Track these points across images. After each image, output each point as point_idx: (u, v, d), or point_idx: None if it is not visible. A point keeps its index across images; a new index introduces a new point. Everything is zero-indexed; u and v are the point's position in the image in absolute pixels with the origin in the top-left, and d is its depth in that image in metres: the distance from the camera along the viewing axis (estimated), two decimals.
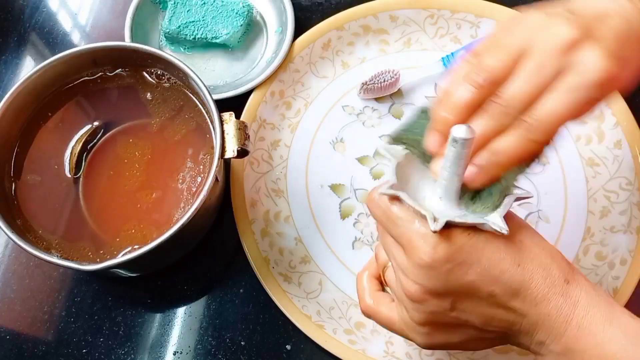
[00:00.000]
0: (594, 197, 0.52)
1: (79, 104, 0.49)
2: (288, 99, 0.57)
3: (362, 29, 0.58)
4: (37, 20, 0.63)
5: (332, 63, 0.58)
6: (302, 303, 0.49)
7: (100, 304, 0.51)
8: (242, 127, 0.45)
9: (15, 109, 0.46)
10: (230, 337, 0.49)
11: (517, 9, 0.57)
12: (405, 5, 0.58)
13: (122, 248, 0.45)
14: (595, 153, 0.54)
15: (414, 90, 0.57)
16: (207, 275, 0.52)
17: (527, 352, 0.47)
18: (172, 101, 0.49)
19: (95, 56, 0.48)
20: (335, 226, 0.52)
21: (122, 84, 0.50)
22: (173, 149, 0.48)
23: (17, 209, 0.46)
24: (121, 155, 0.48)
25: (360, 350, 0.48)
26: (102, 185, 0.47)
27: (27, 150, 0.48)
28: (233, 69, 0.59)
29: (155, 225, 0.46)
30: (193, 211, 0.42)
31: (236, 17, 0.58)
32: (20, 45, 0.62)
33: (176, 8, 0.58)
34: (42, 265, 0.52)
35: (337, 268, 0.51)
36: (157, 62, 0.49)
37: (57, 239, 0.45)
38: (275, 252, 0.51)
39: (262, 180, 0.54)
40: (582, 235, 0.51)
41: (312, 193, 0.54)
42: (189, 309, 0.51)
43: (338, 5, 0.61)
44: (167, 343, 0.49)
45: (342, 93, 0.57)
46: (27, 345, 0.49)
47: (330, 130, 0.56)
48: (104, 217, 0.47)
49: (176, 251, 0.50)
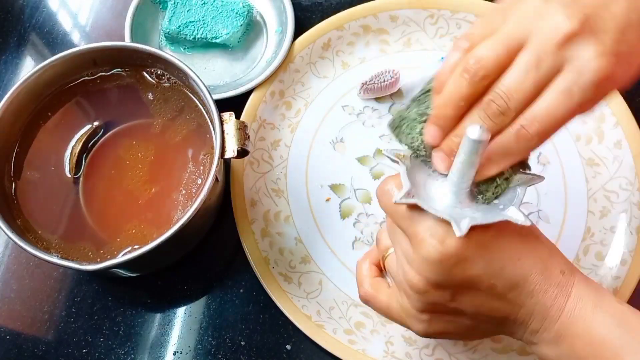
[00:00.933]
0: (594, 197, 0.52)
1: (79, 104, 0.49)
2: (288, 99, 0.57)
3: (362, 29, 0.58)
4: (37, 20, 0.63)
5: (332, 63, 0.58)
6: (302, 303, 0.49)
7: (100, 304, 0.51)
8: (242, 127, 0.45)
9: (15, 109, 0.46)
10: (230, 337, 0.49)
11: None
12: (405, 5, 0.58)
13: (122, 248, 0.45)
14: (595, 153, 0.54)
15: (414, 90, 0.57)
16: (207, 275, 0.52)
17: (527, 352, 0.47)
18: (173, 101, 0.49)
19: (95, 56, 0.48)
20: (335, 226, 0.52)
21: (122, 83, 0.50)
22: (173, 149, 0.48)
23: (17, 209, 0.46)
24: (122, 156, 0.48)
25: (360, 350, 0.48)
26: (102, 185, 0.47)
27: (27, 150, 0.48)
28: (233, 69, 0.59)
29: (155, 226, 0.46)
30: (193, 211, 0.42)
31: (236, 17, 0.58)
32: (20, 45, 0.62)
33: (176, 8, 0.58)
34: (42, 265, 0.52)
35: (337, 268, 0.51)
36: (157, 62, 0.49)
37: (57, 239, 0.45)
38: (275, 252, 0.51)
39: (262, 180, 0.54)
40: (582, 235, 0.51)
41: (312, 193, 0.54)
42: (189, 309, 0.51)
43: (338, 5, 0.61)
44: (167, 343, 0.49)
45: (342, 93, 0.57)
46: (27, 345, 0.49)
47: (330, 130, 0.56)
48: (104, 217, 0.47)
49: (176, 251, 0.50)
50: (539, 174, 0.35)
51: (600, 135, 0.54)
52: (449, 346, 0.48)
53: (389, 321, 0.49)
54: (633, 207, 0.51)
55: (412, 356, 0.48)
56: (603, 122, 0.54)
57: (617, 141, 0.53)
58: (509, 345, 0.47)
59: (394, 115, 0.38)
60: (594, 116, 0.54)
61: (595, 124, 0.54)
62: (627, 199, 0.52)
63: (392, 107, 0.56)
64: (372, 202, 0.53)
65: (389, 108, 0.56)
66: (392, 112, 0.56)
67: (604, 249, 0.50)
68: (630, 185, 0.52)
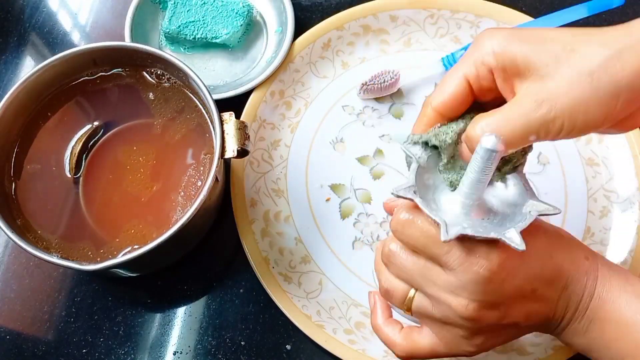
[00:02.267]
0: (594, 197, 0.52)
1: (79, 103, 0.49)
2: (288, 98, 0.57)
3: (362, 28, 0.58)
4: (37, 20, 0.63)
5: (332, 63, 0.58)
6: (302, 303, 0.49)
7: (100, 304, 0.51)
8: (242, 127, 0.45)
9: (15, 109, 0.46)
10: (230, 337, 0.49)
11: (517, 9, 0.57)
12: (405, 5, 0.58)
13: (122, 248, 0.45)
14: (595, 153, 0.54)
15: (414, 91, 0.57)
16: (207, 275, 0.52)
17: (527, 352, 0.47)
18: (173, 102, 0.49)
19: (95, 56, 0.48)
20: (335, 226, 0.52)
21: (122, 83, 0.50)
22: (174, 149, 0.48)
23: (17, 209, 0.46)
24: (122, 156, 0.48)
25: (360, 350, 0.48)
26: (102, 185, 0.47)
27: (27, 150, 0.48)
28: (233, 69, 0.59)
29: (155, 225, 0.46)
30: (193, 211, 0.42)
31: (236, 17, 0.58)
32: (20, 45, 0.62)
33: (176, 8, 0.58)
34: (42, 265, 0.52)
35: (337, 268, 0.51)
36: (157, 62, 0.49)
37: (57, 239, 0.45)
38: (275, 252, 0.51)
39: (262, 180, 0.54)
40: (582, 235, 0.51)
41: (312, 193, 0.54)
42: (189, 309, 0.51)
43: (338, 5, 0.61)
44: (167, 343, 0.49)
45: (342, 93, 0.57)
46: (27, 345, 0.49)
47: (330, 130, 0.56)
48: (104, 217, 0.46)
49: (176, 251, 0.50)
50: (555, 206, 0.34)
51: (600, 135, 0.54)
52: None
53: None
54: (633, 207, 0.51)
55: None
56: None
57: (617, 141, 0.53)
58: (509, 345, 0.47)
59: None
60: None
61: None
62: (627, 199, 0.51)
63: (392, 107, 0.56)
64: (372, 202, 0.53)
65: (389, 108, 0.56)
66: (392, 112, 0.56)
67: (604, 249, 0.50)
68: (630, 185, 0.52)
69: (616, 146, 0.53)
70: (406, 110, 0.56)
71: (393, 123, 0.56)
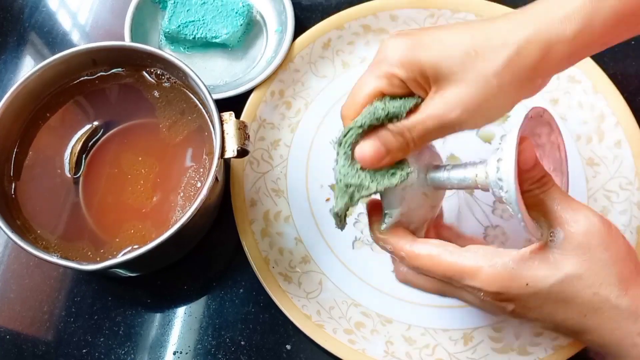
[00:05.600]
0: (594, 197, 0.52)
1: (79, 103, 0.49)
2: (288, 98, 0.57)
3: (362, 28, 0.58)
4: (37, 20, 0.63)
5: (332, 63, 0.58)
6: (302, 303, 0.49)
7: (100, 304, 0.51)
8: (242, 127, 0.45)
9: (15, 109, 0.46)
10: (230, 337, 0.49)
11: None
12: (405, 5, 0.58)
13: (122, 248, 0.45)
14: (595, 153, 0.53)
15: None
16: (207, 275, 0.52)
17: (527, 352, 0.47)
18: (173, 101, 0.49)
19: (95, 56, 0.48)
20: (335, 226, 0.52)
21: (121, 83, 0.50)
22: (173, 148, 0.48)
23: (17, 209, 0.46)
24: (122, 156, 0.48)
25: (360, 350, 0.48)
26: (102, 185, 0.47)
27: (27, 150, 0.48)
28: (233, 69, 0.59)
29: (154, 225, 0.46)
30: (193, 211, 0.42)
31: (236, 16, 0.58)
32: (19, 45, 0.62)
33: (176, 8, 0.58)
34: (41, 265, 0.52)
35: (337, 268, 0.51)
36: (157, 62, 0.49)
37: (56, 239, 0.45)
38: (275, 252, 0.51)
39: (262, 180, 0.54)
40: None
41: (312, 193, 0.54)
42: (189, 309, 0.51)
43: (338, 4, 0.61)
44: (167, 343, 0.49)
45: (342, 93, 0.57)
46: (27, 345, 0.49)
47: (330, 130, 0.56)
48: (104, 217, 0.46)
49: (176, 251, 0.50)
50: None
51: (600, 135, 0.54)
52: (449, 346, 0.48)
53: (389, 321, 0.49)
54: (633, 207, 0.51)
55: (412, 356, 0.48)
56: (603, 122, 0.54)
57: (617, 141, 0.53)
58: (509, 345, 0.47)
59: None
60: (594, 116, 0.54)
61: (595, 123, 0.54)
62: (627, 199, 0.51)
63: None
64: None
65: None
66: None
67: None
68: (630, 185, 0.52)
69: (616, 146, 0.53)
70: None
71: None
